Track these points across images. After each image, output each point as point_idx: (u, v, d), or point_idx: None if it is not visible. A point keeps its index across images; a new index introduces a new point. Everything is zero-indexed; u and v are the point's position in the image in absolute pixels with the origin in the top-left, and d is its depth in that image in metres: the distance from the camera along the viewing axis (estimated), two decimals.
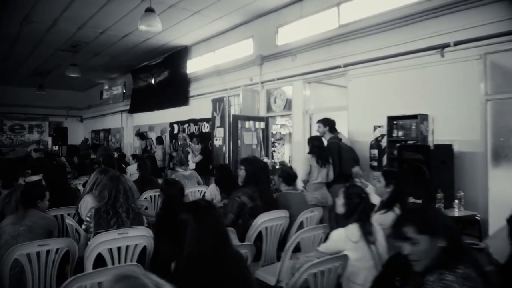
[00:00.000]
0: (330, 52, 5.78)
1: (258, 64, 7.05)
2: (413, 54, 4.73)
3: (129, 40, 8.72)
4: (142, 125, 11.74)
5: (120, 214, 2.54)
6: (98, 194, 2.65)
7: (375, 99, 5.19)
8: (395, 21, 4.94)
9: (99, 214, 2.52)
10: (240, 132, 6.56)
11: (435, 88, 4.56)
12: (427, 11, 4.52)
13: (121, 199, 2.57)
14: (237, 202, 3.06)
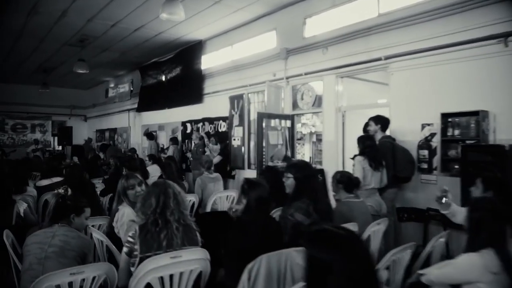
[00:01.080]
0: (368, 44, 5.29)
1: (283, 58, 6.55)
2: (469, 44, 4.24)
3: (140, 34, 8.21)
4: (151, 124, 11.23)
5: (171, 224, 2.07)
6: (142, 204, 2.15)
7: (422, 94, 4.70)
8: (444, 8, 4.45)
9: (146, 228, 2.03)
10: (265, 131, 6.06)
11: (496, 81, 4.07)
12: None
13: (171, 204, 2.11)
14: (291, 221, 2.53)
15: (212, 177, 4.84)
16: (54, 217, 2.26)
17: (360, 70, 5.49)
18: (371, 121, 4.36)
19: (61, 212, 2.27)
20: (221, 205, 4.68)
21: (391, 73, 5.05)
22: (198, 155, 8.05)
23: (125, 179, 2.91)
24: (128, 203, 2.83)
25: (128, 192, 2.87)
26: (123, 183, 2.89)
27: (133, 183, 2.87)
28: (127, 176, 2.95)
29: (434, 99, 4.58)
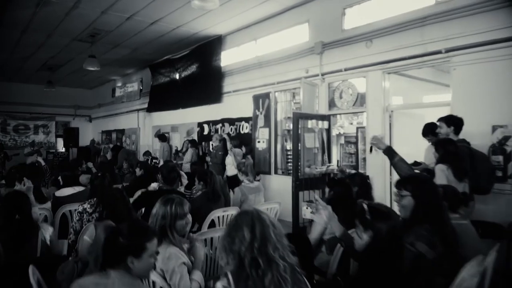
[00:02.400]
0: (424, 35, 4.71)
1: (318, 52, 5.97)
2: None
3: (157, 28, 7.62)
4: (163, 125, 10.63)
5: (276, 263, 1.45)
6: (229, 241, 1.52)
7: (492, 91, 4.12)
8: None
9: (244, 273, 1.43)
10: (301, 133, 5.47)
11: None
12: None
13: (272, 234, 1.50)
14: (411, 252, 1.93)
15: (253, 186, 4.24)
16: (106, 262, 1.62)
17: (412, 65, 4.91)
18: (442, 122, 3.77)
19: (115, 256, 1.62)
20: None
21: (453, 68, 4.46)
22: (217, 158, 7.47)
23: (175, 204, 2.15)
24: (172, 239, 2.12)
25: (178, 223, 2.16)
26: (172, 210, 2.12)
27: (185, 211, 2.18)
28: (178, 200, 2.19)
29: (506, 98, 4.01)
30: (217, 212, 3.62)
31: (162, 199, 2.22)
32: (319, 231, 3.00)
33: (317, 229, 3.01)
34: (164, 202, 2.17)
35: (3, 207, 2.38)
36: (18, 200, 2.42)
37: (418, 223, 1.98)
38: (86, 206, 3.19)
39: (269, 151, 6.96)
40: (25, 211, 2.46)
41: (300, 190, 5.39)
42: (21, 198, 2.45)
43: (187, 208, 2.18)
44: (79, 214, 3.15)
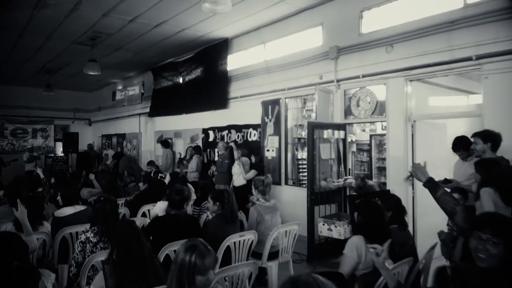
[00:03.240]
0: (452, 41, 4.38)
1: (332, 57, 5.64)
2: None
3: (161, 30, 7.27)
4: (165, 131, 10.27)
5: None
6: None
7: None
8: None
9: None
10: (317, 144, 5.13)
11: None
12: None
13: None
14: None
15: (269, 205, 3.89)
16: None
17: (438, 72, 4.57)
18: (478, 138, 3.44)
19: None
20: (284, 243, 3.75)
21: (484, 77, 4.13)
22: (223, 167, 7.13)
23: (196, 254, 1.77)
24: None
25: (197, 278, 1.76)
26: (192, 261, 1.75)
27: (208, 265, 1.78)
28: (201, 249, 1.79)
29: None
30: (233, 237, 3.28)
31: (186, 243, 1.86)
32: (351, 266, 2.67)
33: (349, 263, 2.68)
34: (186, 248, 1.81)
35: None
36: (13, 244, 2.08)
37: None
38: (89, 235, 2.86)
39: (279, 160, 6.63)
40: (22, 257, 2.11)
41: (316, 204, 5.06)
42: (16, 242, 2.11)
43: (210, 261, 1.78)
44: (81, 244, 2.82)
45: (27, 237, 3.05)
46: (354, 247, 2.60)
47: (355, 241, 2.63)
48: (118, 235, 2.27)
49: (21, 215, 3.11)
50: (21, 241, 2.17)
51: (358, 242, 2.61)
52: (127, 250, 2.23)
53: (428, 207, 4.74)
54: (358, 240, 2.62)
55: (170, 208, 3.40)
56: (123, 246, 2.23)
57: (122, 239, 2.24)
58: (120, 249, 2.24)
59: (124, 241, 2.24)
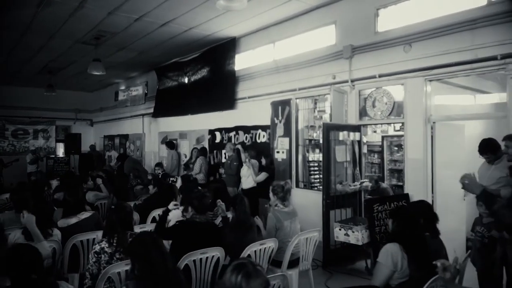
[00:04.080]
0: (474, 40, 4.22)
1: (346, 57, 5.48)
2: None
3: (167, 29, 7.10)
4: (170, 132, 10.10)
5: None
6: None
7: None
8: None
9: None
10: (333, 146, 4.97)
11: None
12: None
13: None
14: None
15: (288, 211, 3.72)
16: None
17: (459, 72, 4.41)
18: (509, 141, 3.28)
19: None
20: (305, 251, 3.58)
21: (510, 77, 3.97)
22: (232, 169, 6.97)
23: (243, 276, 1.54)
24: None
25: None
26: (238, 282, 1.54)
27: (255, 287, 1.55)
28: (249, 270, 1.56)
29: None
30: (254, 246, 3.11)
31: (235, 263, 1.65)
32: (386, 275, 2.51)
33: (385, 272, 2.52)
34: (233, 268, 1.60)
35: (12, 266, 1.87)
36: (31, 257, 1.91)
37: None
38: (104, 245, 2.68)
39: (289, 162, 6.46)
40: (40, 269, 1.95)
41: (332, 208, 4.90)
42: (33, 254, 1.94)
43: (258, 284, 1.55)
44: (96, 255, 2.65)
45: (38, 244, 2.89)
46: (389, 255, 2.46)
47: (390, 249, 2.48)
48: (139, 249, 2.09)
49: (28, 222, 2.95)
50: (38, 253, 2.01)
51: (393, 250, 2.46)
52: (150, 266, 2.06)
53: (447, 211, 4.60)
54: (393, 248, 2.47)
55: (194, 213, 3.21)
56: (146, 262, 2.06)
57: (144, 254, 2.07)
58: (142, 264, 2.07)
59: (147, 256, 2.07)
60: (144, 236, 2.22)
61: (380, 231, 4.59)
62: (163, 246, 2.18)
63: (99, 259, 2.63)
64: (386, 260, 2.43)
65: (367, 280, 4.53)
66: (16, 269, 1.91)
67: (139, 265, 2.05)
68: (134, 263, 2.10)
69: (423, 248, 2.51)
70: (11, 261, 1.92)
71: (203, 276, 2.95)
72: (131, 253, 2.13)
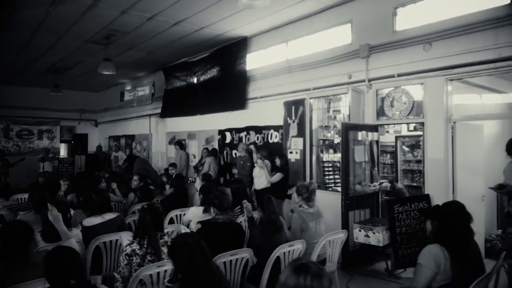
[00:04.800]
0: (498, 38, 4.17)
1: (363, 56, 5.43)
2: None
3: (179, 29, 7.05)
4: (178, 132, 10.04)
5: None
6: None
7: None
8: None
9: None
10: (352, 146, 4.92)
11: None
12: None
13: None
14: None
15: (313, 212, 3.67)
16: None
17: (482, 71, 4.37)
18: None
19: None
20: (331, 253, 3.52)
21: None
22: (245, 170, 6.92)
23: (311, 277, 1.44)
24: None
25: None
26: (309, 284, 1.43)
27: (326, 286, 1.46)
28: (314, 271, 1.46)
29: None
30: (283, 247, 3.06)
31: (293, 263, 1.56)
32: (429, 277, 2.45)
33: (427, 274, 2.46)
34: (296, 270, 1.48)
35: (52, 270, 1.80)
36: (70, 260, 1.84)
37: None
38: (135, 247, 2.63)
39: (303, 163, 6.40)
40: (81, 273, 1.88)
41: (351, 209, 4.85)
42: (73, 257, 1.88)
43: (327, 281, 1.47)
44: (128, 258, 2.59)
45: (67, 242, 2.83)
46: (431, 257, 2.39)
47: (432, 251, 2.42)
48: (184, 251, 2.02)
49: (56, 220, 2.89)
50: (78, 256, 1.95)
51: (436, 251, 2.40)
52: (195, 268, 1.99)
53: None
54: (435, 249, 2.41)
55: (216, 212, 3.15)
56: (191, 264, 1.99)
57: (189, 256, 2.00)
58: (187, 267, 2.00)
59: (192, 258, 2.00)
60: (187, 237, 2.15)
61: (400, 232, 4.54)
62: (206, 248, 2.11)
63: (130, 261, 2.58)
64: (429, 262, 2.37)
65: (389, 282, 4.50)
66: (55, 274, 1.85)
67: (183, 268, 1.98)
68: (178, 266, 2.03)
69: (466, 248, 2.45)
70: (50, 266, 1.85)
71: (233, 278, 2.90)
72: (174, 255, 2.06)
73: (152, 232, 2.63)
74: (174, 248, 2.11)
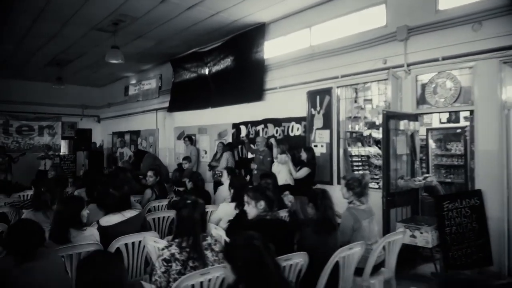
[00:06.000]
0: None
1: (401, 39, 4.96)
2: None
3: (192, 14, 6.56)
4: (187, 127, 9.54)
5: None
6: None
7: None
8: None
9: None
10: (394, 137, 4.45)
11: None
12: None
13: None
14: None
15: (365, 209, 3.19)
16: None
17: None
18: None
19: None
20: (389, 256, 3.04)
21: None
22: (265, 165, 6.43)
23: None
24: None
25: None
26: None
27: None
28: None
29: None
30: (342, 251, 2.58)
31: None
32: None
33: None
34: None
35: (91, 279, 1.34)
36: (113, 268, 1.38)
37: None
38: (174, 250, 2.14)
39: (330, 157, 5.93)
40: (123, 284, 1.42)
41: (392, 207, 4.37)
42: (113, 263, 1.41)
43: None
44: (166, 264, 2.11)
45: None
46: None
47: None
48: (251, 256, 1.54)
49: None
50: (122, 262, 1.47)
51: None
52: (264, 278, 1.52)
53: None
54: None
55: (263, 210, 2.67)
56: (257, 272, 1.52)
57: (257, 262, 1.52)
58: (253, 276, 1.52)
59: (260, 264, 1.53)
60: (252, 238, 1.66)
61: (450, 232, 4.07)
62: (272, 250, 1.64)
63: (169, 268, 2.09)
64: None
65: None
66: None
67: (247, 276, 1.50)
68: (240, 273, 1.55)
69: None
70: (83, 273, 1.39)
71: None
72: (236, 261, 1.58)
73: (200, 232, 2.15)
74: (235, 251, 1.62)
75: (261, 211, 2.64)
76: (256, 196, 2.65)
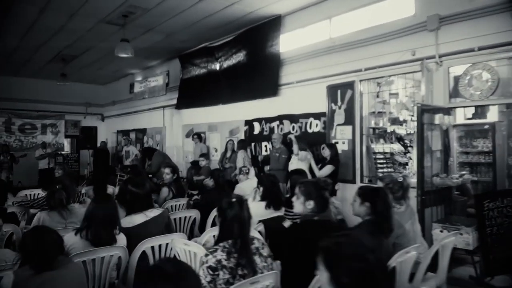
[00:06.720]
0: None
1: (431, 29, 4.69)
2: None
3: (204, 6, 6.29)
4: (196, 124, 9.25)
5: None
6: None
7: None
8: None
9: None
10: (429, 132, 4.17)
11: None
12: None
13: None
14: None
15: (404, 210, 2.90)
16: None
17: None
18: None
19: None
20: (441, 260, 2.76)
21: None
22: (280, 163, 6.18)
23: None
24: None
25: None
26: None
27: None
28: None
29: None
30: (400, 255, 2.30)
31: None
32: None
33: None
34: None
35: None
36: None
37: None
38: (221, 256, 1.86)
39: (352, 154, 5.66)
40: None
41: (427, 206, 4.10)
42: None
43: None
44: (211, 272, 1.83)
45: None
46: None
47: None
48: (359, 269, 1.23)
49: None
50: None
51: None
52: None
53: None
54: None
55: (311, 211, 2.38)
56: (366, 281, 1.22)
57: (367, 278, 1.22)
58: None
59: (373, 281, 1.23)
60: (361, 246, 1.30)
61: (491, 232, 3.80)
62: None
63: (215, 277, 1.81)
64: None
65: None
66: None
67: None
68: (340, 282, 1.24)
69: None
70: None
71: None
72: (341, 272, 1.25)
73: (248, 235, 1.88)
74: (340, 262, 1.29)
75: (309, 211, 2.36)
76: (309, 193, 2.35)
